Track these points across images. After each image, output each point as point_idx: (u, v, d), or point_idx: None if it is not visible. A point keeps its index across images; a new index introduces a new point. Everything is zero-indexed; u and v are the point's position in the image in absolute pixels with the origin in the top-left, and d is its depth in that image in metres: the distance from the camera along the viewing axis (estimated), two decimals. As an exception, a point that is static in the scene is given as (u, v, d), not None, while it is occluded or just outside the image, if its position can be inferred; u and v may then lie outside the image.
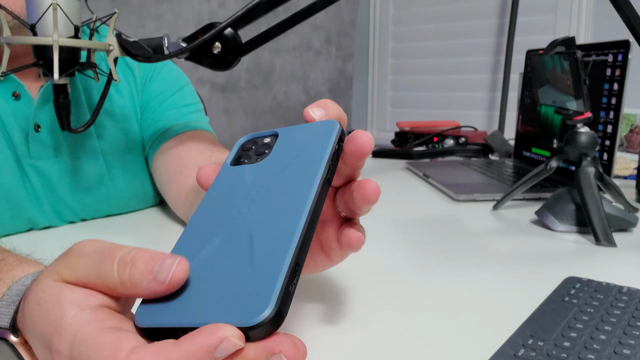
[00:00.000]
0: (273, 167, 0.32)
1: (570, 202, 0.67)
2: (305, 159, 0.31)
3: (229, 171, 0.34)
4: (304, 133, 0.33)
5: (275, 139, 0.34)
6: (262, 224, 0.28)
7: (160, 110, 0.75)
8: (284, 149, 0.33)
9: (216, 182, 0.34)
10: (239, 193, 0.31)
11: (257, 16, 0.57)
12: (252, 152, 0.34)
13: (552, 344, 0.36)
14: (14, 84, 0.63)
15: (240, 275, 0.26)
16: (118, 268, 0.26)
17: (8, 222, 0.65)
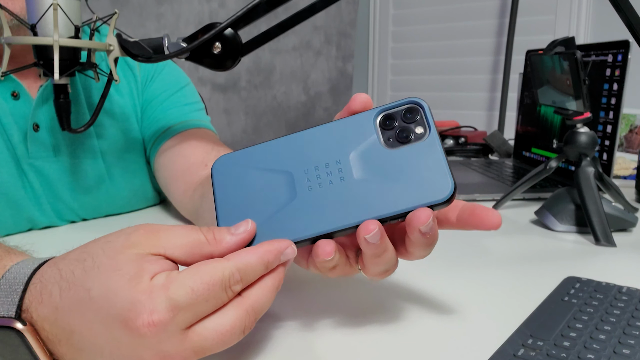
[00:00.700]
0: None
1: (570, 202, 0.67)
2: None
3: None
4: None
5: (418, 116, 0.35)
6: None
7: (161, 109, 0.75)
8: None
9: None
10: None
11: (257, 16, 0.57)
12: (395, 132, 0.35)
13: (552, 344, 0.36)
14: (13, 84, 0.63)
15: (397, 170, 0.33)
16: (203, 232, 0.33)
17: (8, 221, 0.65)
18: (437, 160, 0.33)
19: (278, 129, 2.12)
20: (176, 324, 0.29)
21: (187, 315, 0.29)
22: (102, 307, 0.29)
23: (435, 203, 0.32)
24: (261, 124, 2.05)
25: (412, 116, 0.34)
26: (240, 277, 0.31)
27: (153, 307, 0.28)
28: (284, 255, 0.33)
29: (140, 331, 0.28)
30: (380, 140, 0.34)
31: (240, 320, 0.31)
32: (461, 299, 0.47)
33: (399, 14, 2.33)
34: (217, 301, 0.30)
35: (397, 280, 0.51)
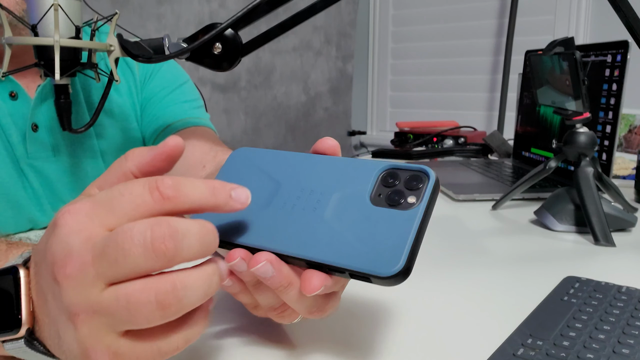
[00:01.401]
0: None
1: (569, 202, 0.67)
2: None
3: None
4: None
5: (426, 184, 0.32)
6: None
7: (160, 107, 0.75)
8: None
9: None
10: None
11: (258, 17, 0.57)
12: (393, 194, 0.32)
13: (551, 344, 0.37)
14: (10, 84, 0.63)
15: (364, 227, 0.31)
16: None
17: (9, 222, 0.65)
18: (404, 235, 0.30)
19: (278, 129, 2.12)
20: (89, 215, 0.28)
21: (102, 210, 0.28)
22: (48, 228, 0.30)
23: (375, 275, 0.29)
24: (261, 124, 2.05)
25: (415, 184, 0.32)
26: (172, 183, 0.28)
27: (76, 200, 0.29)
28: (235, 193, 0.30)
29: (58, 221, 0.28)
30: (370, 193, 0.33)
31: (138, 234, 0.26)
32: (461, 298, 0.47)
33: (399, 14, 2.33)
34: (135, 197, 0.27)
35: (397, 280, 0.51)
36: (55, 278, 0.27)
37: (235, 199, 0.30)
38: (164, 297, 0.26)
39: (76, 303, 0.27)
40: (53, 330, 0.29)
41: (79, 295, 0.27)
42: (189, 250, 0.27)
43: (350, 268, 0.30)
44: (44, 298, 0.29)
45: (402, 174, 0.33)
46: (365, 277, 0.30)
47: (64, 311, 0.28)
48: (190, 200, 0.28)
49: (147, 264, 0.26)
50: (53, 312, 0.29)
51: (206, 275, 0.28)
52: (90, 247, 0.27)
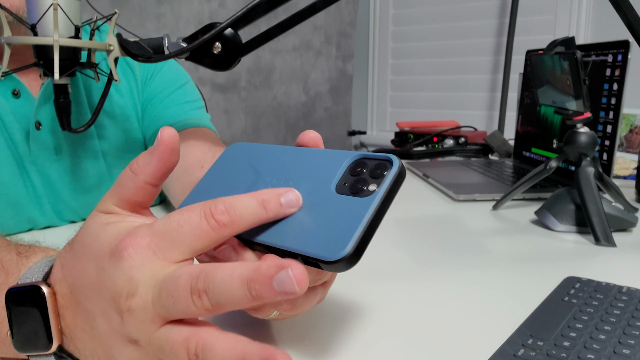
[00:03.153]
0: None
1: (570, 202, 0.67)
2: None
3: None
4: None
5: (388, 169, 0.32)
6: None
7: (161, 107, 0.75)
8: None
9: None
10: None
11: (257, 16, 0.57)
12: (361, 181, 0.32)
13: (552, 344, 0.36)
14: (13, 82, 0.63)
15: (316, 215, 0.31)
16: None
17: (9, 221, 0.65)
18: (356, 220, 0.30)
19: (278, 129, 2.12)
20: (152, 248, 0.28)
21: (164, 242, 0.29)
22: (95, 248, 0.30)
23: (321, 260, 0.29)
24: (261, 124, 2.05)
25: (378, 172, 0.32)
26: (226, 207, 0.29)
27: (135, 233, 0.29)
28: (286, 199, 0.31)
29: (121, 254, 0.28)
30: (336, 181, 0.33)
31: (185, 282, 0.27)
32: (461, 298, 0.47)
33: (399, 14, 2.33)
34: (194, 229, 0.29)
35: (396, 280, 0.51)
36: (117, 308, 0.28)
37: (286, 205, 0.31)
38: (192, 358, 0.27)
39: (137, 333, 0.28)
40: (98, 347, 0.30)
41: (138, 328, 0.28)
42: (226, 307, 0.27)
43: (301, 252, 0.30)
44: (86, 317, 0.30)
45: (369, 162, 0.33)
46: (315, 263, 0.30)
47: (122, 336, 0.29)
48: (245, 222, 0.30)
49: (191, 310, 0.27)
50: (104, 332, 0.30)
51: (236, 347, 0.27)
52: (153, 284, 0.28)
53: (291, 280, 0.25)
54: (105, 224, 0.31)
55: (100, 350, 0.30)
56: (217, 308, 0.27)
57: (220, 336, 0.27)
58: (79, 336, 0.31)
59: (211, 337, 0.27)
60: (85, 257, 0.31)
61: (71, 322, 0.31)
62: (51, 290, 0.31)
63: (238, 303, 0.27)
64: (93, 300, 0.30)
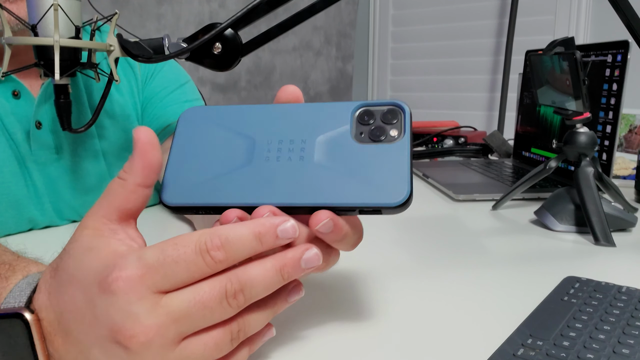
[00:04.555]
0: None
1: (570, 202, 0.67)
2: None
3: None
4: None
5: (399, 115, 0.34)
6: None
7: (161, 106, 0.75)
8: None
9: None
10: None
11: (258, 17, 0.57)
12: (371, 129, 0.34)
13: (551, 344, 0.37)
14: (13, 83, 0.63)
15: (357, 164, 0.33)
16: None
17: (9, 221, 0.65)
18: (401, 164, 0.32)
19: (278, 129, 2.12)
20: (145, 283, 0.28)
21: (157, 277, 0.28)
22: (81, 279, 0.30)
23: (385, 206, 0.31)
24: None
25: (391, 118, 0.34)
26: (221, 242, 0.29)
27: (123, 264, 0.28)
28: (282, 231, 0.30)
29: (111, 287, 0.28)
30: (352, 132, 0.34)
31: (219, 290, 0.29)
32: (461, 298, 0.47)
33: (399, 15, 2.33)
34: (189, 265, 0.28)
35: (396, 280, 0.51)
36: (118, 342, 0.28)
37: (282, 237, 0.30)
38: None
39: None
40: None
41: (154, 357, 0.28)
42: (261, 290, 0.30)
43: (360, 205, 0.32)
44: (80, 348, 0.30)
45: (377, 110, 0.34)
46: (376, 210, 0.32)
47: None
48: (239, 257, 0.30)
49: (226, 314, 0.29)
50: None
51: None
52: (160, 313, 0.28)
53: (318, 257, 0.30)
54: (88, 249, 0.31)
55: None
56: (249, 301, 0.30)
57: (254, 305, 0.31)
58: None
59: (247, 317, 0.31)
60: (71, 287, 0.30)
61: (61, 348, 0.30)
62: (35, 317, 0.30)
63: (272, 289, 0.30)
64: (87, 333, 0.29)
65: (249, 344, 0.33)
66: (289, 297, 0.33)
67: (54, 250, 0.40)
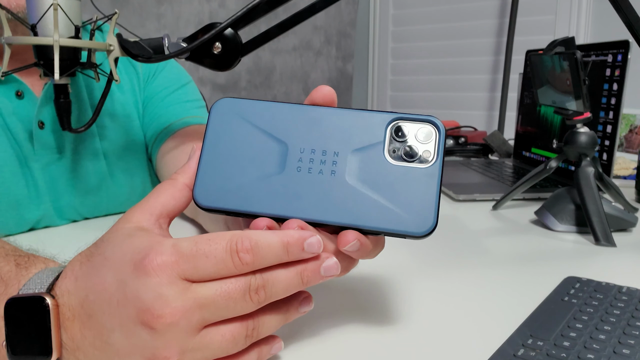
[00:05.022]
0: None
1: (570, 202, 0.67)
2: None
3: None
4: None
5: (436, 136, 0.33)
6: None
7: (162, 106, 0.75)
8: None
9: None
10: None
11: (257, 16, 0.57)
12: (405, 148, 0.33)
13: (552, 344, 0.36)
14: (16, 83, 0.63)
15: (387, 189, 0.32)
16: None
17: (10, 221, 0.65)
18: (431, 193, 0.32)
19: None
20: (177, 269, 0.29)
21: (188, 266, 0.30)
22: (115, 260, 0.31)
23: (409, 234, 0.32)
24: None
25: (426, 136, 0.33)
26: (251, 246, 0.30)
27: (159, 249, 0.30)
28: (309, 245, 0.31)
29: (145, 268, 0.29)
30: (386, 149, 0.33)
31: (244, 283, 0.30)
32: (461, 298, 0.47)
33: (399, 14, 2.33)
34: (218, 261, 0.30)
35: (396, 280, 0.51)
36: (145, 323, 0.29)
37: (308, 250, 0.32)
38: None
39: (172, 347, 0.29)
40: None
41: (178, 341, 0.29)
42: (281, 290, 0.32)
43: (386, 230, 0.32)
44: (99, 331, 0.30)
45: (411, 126, 0.34)
46: (401, 236, 0.32)
47: (146, 351, 0.29)
48: (264, 263, 0.31)
49: (247, 307, 0.31)
50: (121, 348, 0.30)
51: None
52: (186, 298, 0.29)
53: (337, 266, 0.32)
54: (128, 236, 0.32)
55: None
56: (269, 299, 0.31)
57: (270, 307, 0.32)
58: (86, 350, 0.31)
59: (262, 318, 0.32)
60: (104, 269, 0.31)
61: (77, 335, 0.31)
62: (54, 302, 0.31)
63: (291, 291, 0.32)
64: (111, 315, 0.30)
65: (259, 349, 0.34)
66: (300, 307, 0.35)
67: (59, 249, 0.40)
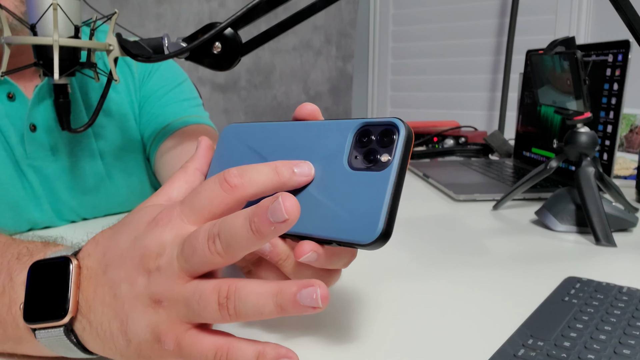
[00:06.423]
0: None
1: (570, 202, 0.67)
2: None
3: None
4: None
5: (395, 137, 0.31)
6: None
7: (159, 105, 0.75)
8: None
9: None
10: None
11: (257, 16, 0.57)
12: (368, 153, 0.32)
13: (552, 344, 0.36)
14: (7, 85, 0.63)
15: (339, 196, 0.31)
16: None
17: (9, 222, 0.65)
18: (379, 198, 0.29)
19: (278, 129, 2.12)
20: (180, 216, 0.32)
21: (188, 209, 0.32)
22: (134, 222, 0.33)
23: (356, 243, 0.30)
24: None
25: (387, 139, 0.31)
26: (239, 172, 0.31)
27: (171, 207, 0.33)
28: (299, 168, 0.32)
29: (156, 222, 0.32)
30: (346, 156, 0.32)
31: (203, 233, 0.30)
32: (461, 299, 0.47)
33: (399, 14, 2.33)
34: (208, 192, 0.31)
35: (396, 280, 0.51)
36: (145, 269, 0.31)
37: (299, 174, 0.32)
38: (223, 301, 0.29)
39: (162, 291, 0.30)
40: (115, 320, 0.31)
41: (166, 285, 0.30)
42: (236, 249, 0.30)
43: (335, 238, 0.31)
44: (110, 286, 0.32)
45: (375, 130, 0.32)
46: (350, 245, 0.31)
47: (145, 298, 0.31)
48: (256, 184, 0.31)
49: (206, 255, 0.30)
50: (126, 299, 0.31)
51: (260, 294, 0.29)
52: (178, 242, 0.31)
53: (280, 207, 0.28)
54: (148, 207, 0.34)
55: (115, 324, 0.31)
56: (227, 250, 0.29)
57: (250, 280, 0.30)
58: (97, 309, 0.32)
59: (242, 281, 0.30)
60: (122, 230, 0.33)
61: (91, 295, 0.32)
62: (77, 264, 0.33)
63: (242, 239, 0.29)
64: (120, 267, 0.32)
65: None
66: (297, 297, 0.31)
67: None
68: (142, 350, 0.31)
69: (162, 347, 0.31)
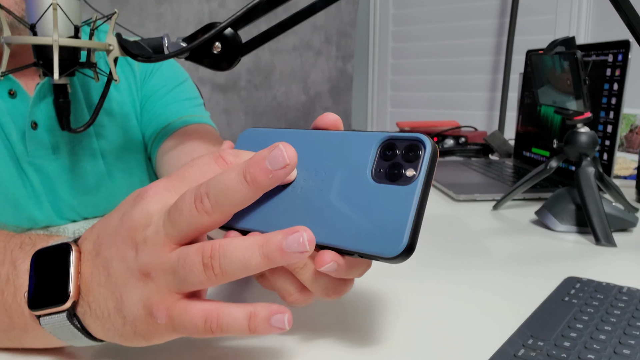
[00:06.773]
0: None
1: (570, 202, 0.67)
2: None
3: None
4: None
5: (421, 153, 0.31)
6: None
7: (160, 105, 0.75)
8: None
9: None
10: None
11: (257, 16, 0.57)
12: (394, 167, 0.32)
13: (552, 344, 0.36)
14: (9, 82, 0.63)
15: (364, 209, 0.31)
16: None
17: (9, 221, 0.65)
18: (404, 213, 0.30)
19: (278, 129, 2.12)
20: (167, 187, 0.32)
21: (177, 180, 0.32)
22: (124, 203, 0.34)
23: (380, 256, 0.30)
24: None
25: (412, 154, 0.31)
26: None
27: (158, 180, 0.33)
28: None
29: (142, 195, 0.32)
30: (371, 169, 0.32)
31: (190, 194, 0.30)
32: (461, 299, 0.47)
33: (399, 14, 2.33)
34: (202, 166, 0.32)
35: (397, 280, 0.51)
36: (133, 242, 0.31)
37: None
38: (207, 260, 0.29)
39: (149, 262, 0.30)
40: (111, 299, 0.32)
41: (153, 255, 0.30)
42: (225, 206, 0.30)
43: (357, 250, 0.31)
44: (104, 266, 0.32)
45: (400, 144, 0.32)
46: (373, 258, 0.31)
47: (135, 272, 0.31)
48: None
49: (193, 216, 0.30)
50: (119, 276, 0.31)
51: (245, 247, 0.29)
52: (164, 212, 0.31)
53: (282, 153, 0.29)
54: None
55: (111, 303, 0.32)
56: (216, 207, 0.29)
57: (233, 237, 0.30)
58: (94, 290, 0.32)
59: (225, 240, 0.30)
60: (113, 212, 0.34)
61: (88, 277, 0.32)
62: (77, 249, 0.33)
63: (234, 193, 0.29)
64: (111, 246, 0.32)
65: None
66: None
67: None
68: (137, 327, 0.31)
69: (155, 321, 0.31)
